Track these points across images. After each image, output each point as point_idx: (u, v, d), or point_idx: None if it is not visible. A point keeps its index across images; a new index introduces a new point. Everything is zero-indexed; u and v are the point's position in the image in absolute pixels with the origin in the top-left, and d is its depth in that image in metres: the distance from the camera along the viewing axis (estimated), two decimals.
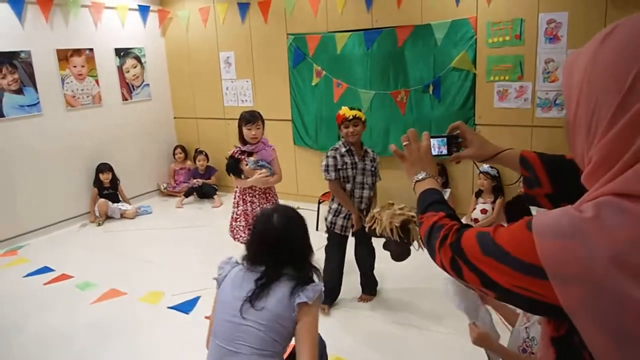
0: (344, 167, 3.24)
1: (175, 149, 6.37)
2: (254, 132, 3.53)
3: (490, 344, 1.69)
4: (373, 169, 3.28)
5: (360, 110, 3.23)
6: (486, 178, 4.37)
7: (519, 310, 1.80)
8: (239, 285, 1.77)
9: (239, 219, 3.66)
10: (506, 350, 1.69)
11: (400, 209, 2.84)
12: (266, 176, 3.52)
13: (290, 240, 1.80)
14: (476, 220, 4.42)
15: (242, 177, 3.56)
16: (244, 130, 3.54)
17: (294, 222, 1.85)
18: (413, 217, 2.81)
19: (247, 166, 3.53)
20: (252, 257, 1.82)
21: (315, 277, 1.80)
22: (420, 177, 1.18)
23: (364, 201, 3.29)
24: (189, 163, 6.38)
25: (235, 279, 1.80)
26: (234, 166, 3.57)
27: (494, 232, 0.83)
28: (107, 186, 5.48)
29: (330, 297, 3.41)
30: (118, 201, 5.57)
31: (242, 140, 3.59)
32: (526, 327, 1.71)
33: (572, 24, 3.94)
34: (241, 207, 3.65)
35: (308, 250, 1.85)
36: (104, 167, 5.46)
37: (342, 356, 2.81)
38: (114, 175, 5.55)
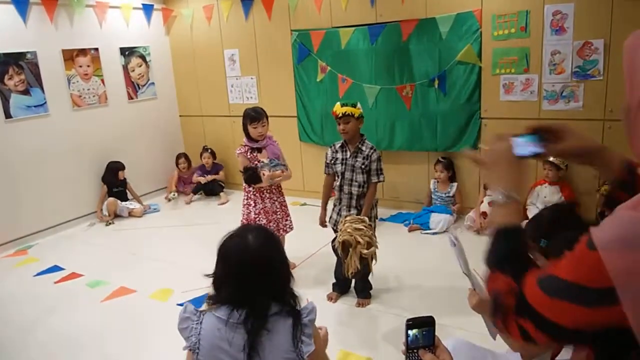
0: (334, 162, 3.30)
1: (178, 158, 6.20)
2: (260, 130, 3.53)
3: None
4: (363, 166, 3.20)
5: (354, 105, 3.18)
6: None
7: None
8: (227, 347, 1.45)
9: (258, 218, 3.62)
10: None
11: (358, 229, 2.85)
12: (281, 172, 3.57)
13: (273, 265, 1.52)
14: (484, 214, 4.38)
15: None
16: (250, 128, 3.53)
17: (272, 242, 1.58)
18: (359, 242, 2.83)
19: (264, 175, 3.48)
20: (231, 298, 1.49)
21: (294, 304, 1.54)
22: (500, 199, 0.98)
23: (353, 197, 3.29)
24: (193, 168, 6.25)
25: (215, 340, 1.46)
26: (254, 177, 3.51)
27: (553, 269, 0.76)
28: (117, 184, 5.51)
29: (339, 288, 3.44)
30: (126, 199, 5.61)
31: (249, 137, 3.59)
32: None
33: (579, 15, 3.90)
34: (259, 205, 3.61)
35: (289, 275, 1.57)
36: (121, 165, 5.49)
37: (350, 350, 2.82)
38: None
